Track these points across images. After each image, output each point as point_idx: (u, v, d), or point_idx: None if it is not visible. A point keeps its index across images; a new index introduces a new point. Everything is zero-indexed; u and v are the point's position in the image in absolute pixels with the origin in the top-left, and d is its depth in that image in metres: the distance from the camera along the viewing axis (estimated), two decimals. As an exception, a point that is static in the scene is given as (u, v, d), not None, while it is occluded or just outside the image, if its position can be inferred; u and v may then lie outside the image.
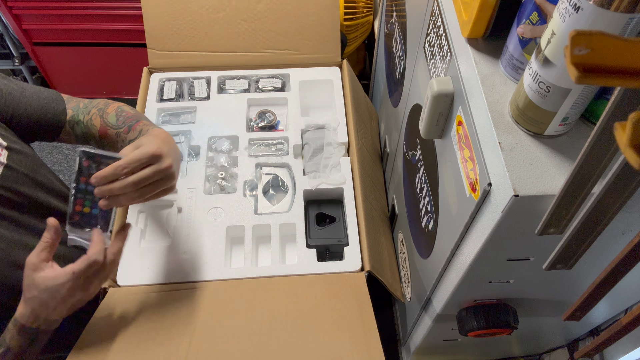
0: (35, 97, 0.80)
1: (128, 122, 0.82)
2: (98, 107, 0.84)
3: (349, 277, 0.88)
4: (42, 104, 0.81)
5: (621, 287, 0.50)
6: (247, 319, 0.80)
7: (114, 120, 0.82)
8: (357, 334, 0.77)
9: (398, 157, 1.12)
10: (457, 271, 0.73)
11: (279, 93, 1.14)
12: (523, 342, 1.16)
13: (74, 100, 0.86)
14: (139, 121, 0.82)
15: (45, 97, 0.82)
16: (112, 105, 0.85)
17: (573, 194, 0.47)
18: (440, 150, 0.77)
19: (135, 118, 0.82)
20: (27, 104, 0.79)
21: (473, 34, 0.66)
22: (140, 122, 0.82)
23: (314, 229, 0.96)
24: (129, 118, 0.82)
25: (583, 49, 0.31)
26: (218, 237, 0.92)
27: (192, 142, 1.05)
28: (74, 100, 0.86)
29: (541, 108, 0.55)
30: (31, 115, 0.79)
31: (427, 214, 0.87)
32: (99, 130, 0.83)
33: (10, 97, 0.77)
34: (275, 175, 1.03)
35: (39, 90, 0.82)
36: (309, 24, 1.15)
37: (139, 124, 0.81)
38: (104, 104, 0.85)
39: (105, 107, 0.84)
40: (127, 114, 0.83)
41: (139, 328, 0.79)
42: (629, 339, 0.86)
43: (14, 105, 0.77)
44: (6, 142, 0.74)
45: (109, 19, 1.77)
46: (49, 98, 0.82)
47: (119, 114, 0.83)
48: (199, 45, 1.14)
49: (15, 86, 0.79)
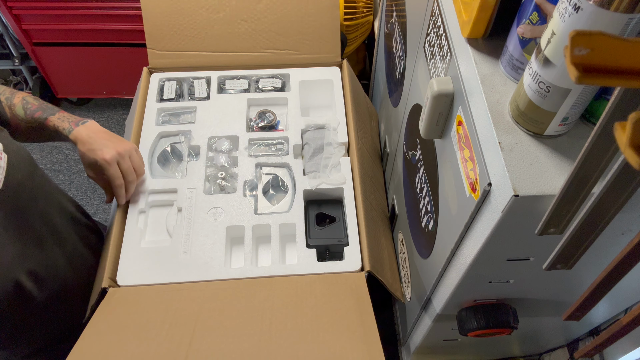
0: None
1: (36, 116, 0.86)
2: (4, 95, 0.86)
3: (349, 277, 0.88)
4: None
5: (621, 287, 0.50)
6: (247, 319, 0.80)
7: (23, 114, 0.86)
8: (357, 333, 0.77)
9: (398, 157, 1.12)
10: (457, 271, 0.73)
11: (279, 93, 1.14)
12: (523, 342, 1.16)
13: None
14: (47, 118, 0.86)
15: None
16: (17, 96, 0.87)
17: (573, 194, 0.47)
18: (440, 150, 0.77)
19: (42, 112, 0.86)
20: None
21: (473, 34, 0.66)
22: (49, 119, 0.86)
23: (314, 229, 0.96)
24: (35, 112, 0.86)
25: (583, 49, 0.31)
26: (218, 237, 0.92)
27: (192, 142, 1.05)
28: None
29: (541, 108, 0.55)
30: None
31: (427, 214, 0.87)
32: (10, 120, 0.85)
33: None
34: (275, 175, 1.03)
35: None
36: (309, 24, 1.15)
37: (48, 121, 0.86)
38: (10, 93, 0.87)
39: (11, 96, 0.86)
40: (32, 106, 0.87)
41: (138, 328, 0.79)
42: (629, 339, 0.87)
43: None
44: (2, 145, 0.73)
45: (109, 19, 1.77)
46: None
47: (25, 107, 0.86)
48: (199, 45, 1.14)
49: None
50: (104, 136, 0.86)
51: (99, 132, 0.86)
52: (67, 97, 2.17)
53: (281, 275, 0.89)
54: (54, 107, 0.88)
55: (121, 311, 0.82)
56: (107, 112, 2.23)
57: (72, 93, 2.15)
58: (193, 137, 1.06)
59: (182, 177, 1.01)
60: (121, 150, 0.86)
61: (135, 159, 0.90)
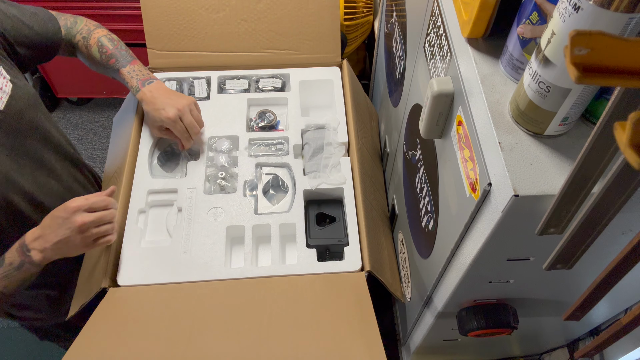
0: (34, 16, 0.87)
1: (110, 63, 0.95)
2: (82, 34, 0.94)
3: (349, 277, 0.88)
4: (42, 23, 0.88)
5: (621, 287, 0.50)
6: (247, 316, 0.80)
7: (98, 56, 0.95)
8: (357, 328, 0.77)
9: (398, 157, 1.12)
10: (457, 271, 0.73)
11: (279, 93, 1.14)
12: (523, 342, 1.16)
13: (61, 18, 0.93)
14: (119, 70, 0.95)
15: (42, 17, 0.89)
16: (93, 36, 0.95)
17: (573, 194, 0.47)
18: (440, 150, 0.77)
19: (116, 61, 0.95)
20: (31, 25, 0.85)
21: (473, 34, 0.66)
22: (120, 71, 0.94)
23: (314, 229, 0.96)
24: (110, 58, 0.95)
25: (583, 49, 0.31)
26: (218, 237, 0.92)
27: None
28: (61, 18, 0.94)
29: (541, 108, 0.55)
30: (35, 36, 0.86)
31: (427, 214, 0.87)
32: (86, 56, 0.96)
33: (15, 19, 0.83)
34: (275, 175, 1.03)
35: (34, 11, 0.88)
36: (309, 24, 1.15)
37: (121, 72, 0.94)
38: (87, 32, 0.95)
39: (88, 36, 0.95)
40: (106, 49, 0.94)
41: (138, 328, 0.79)
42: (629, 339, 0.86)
43: (22, 27, 0.83)
44: (10, 76, 0.79)
45: (109, 19, 1.77)
46: (45, 17, 0.89)
47: (100, 49, 0.96)
48: (199, 45, 1.14)
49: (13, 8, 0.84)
50: (165, 95, 0.95)
51: (162, 92, 0.96)
52: (67, 97, 2.17)
53: (281, 275, 0.89)
54: (127, 55, 0.97)
55: (121, 311, 0.82)
56: (107, 112, 2.23)
57: (72, 93, 2.15)
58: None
59: (182, 177, 1.01)
60: (181, 107, 0.94)
61: (195, 112, 0.98)
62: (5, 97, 0.77)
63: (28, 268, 0.74)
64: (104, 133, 2.17)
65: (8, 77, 0.78)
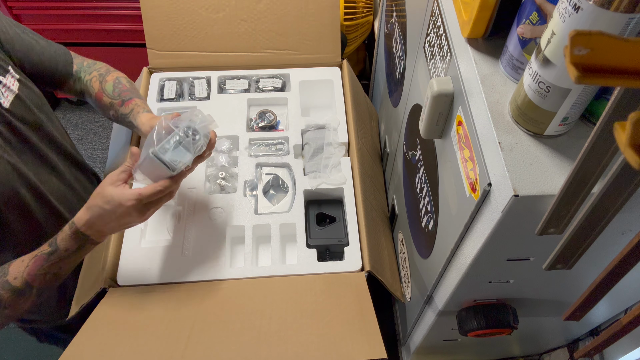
0: (48, 46, 0.88)
1: (123, 95, 0.90)
2: (100, 71, 0.92)
3: (349, 277, 0.88)
4: (54, 55, 0.88)
5: (621, 287, 0.50)
6: (247, 315, 0.80)
7: (111, 90, 0.91)
8: (357, 329, 0.78)
9: (398, 157, 1.12)
10: (457, 271, 0.73)
11: (279, 93, 1.14)
12: (523, 342, 1.16)
13: (79, 58, 0.94)
14: (132, 99, 0.89)
15: (57, 49, 0.90)
16: (111, 74, 0.92)
17: (573, 194, 0.47)
18: (440, 150, 0.77)
19: (130, 94, 0.90)
20: (41, 52, 0.86)
21: (473, 34, 0.66)
22: (133, 100, 0.90)
23: (314, 229, 0.96)
24: (124, 92, 0.90)
25: (583, 49, 0.31)
26: (218, 237, 0.92)
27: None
28: (80, 58, 0.94)
29: (541, 108, 0.55)
30: (44, 62, 0.87)
31: (427, 214, 0.87)
32: (96, 93, 0.91)
33: (27, 42, 0.84)
34: (275, 175, 1.03)
35: (51, 42, 0.89)
36: (309, 24, 1.15)
37: (132, 102, 0.89)
38: (105, 71, 0.93)
39: (105, 74, 0.92)
40: (123, 86, 0.91)
41: (138, 327, 0.79)
42: (629, 339, 0.87)
43: (30, 51, 0.84)
44: (18, 75, 0.80)
45: (109, 19, 1.77)
46: (59, 50, 0.91)
47: (116, 85, 0.91)
48: (199, 45, 1.14)
49: (30, 34, 0.86)
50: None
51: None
52: (67, 97, 2.17)
53: (281, 275, 0.89)
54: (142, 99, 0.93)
55: (120, 310, 0.82)
56: (107, 112, 2.23)
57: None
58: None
59: (182, 177, 1.01)
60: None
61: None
62: (12, 96, 0.78)
63: (89, 247, 0.76)
64: (104, 133, 2.18)
65: (17, 77, 0.80)
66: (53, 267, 0.73)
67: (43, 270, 0.73)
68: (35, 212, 0.84)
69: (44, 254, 0.73)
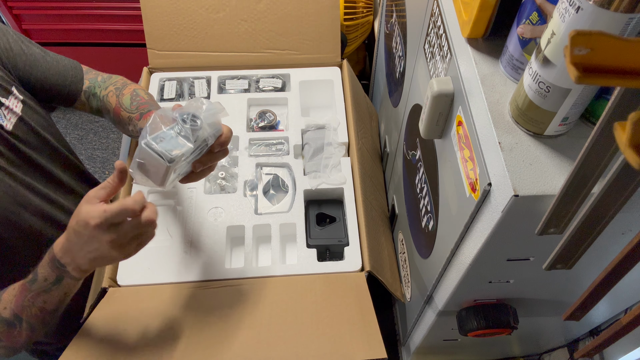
0: (56, 62, 0.84)
1: (141, 108, 0.84)
2: (116, 85, 0.88)
3: (349, 277, 0.88)
4: (61, 70, 0.85)
5: (621, 287, 0.50)
6: (247, 314, 0.81)
7: (128, 104, 0.85)
8: (357, 329, 0.78)
9: (398, 157, 1.12)
10: (457, 271, 0.73)
11: (279, 93, 1.14)
12: (523, 342, 1.16)
13: (92, 73, 0.90)
14: (151, 112, 0.83)
15: (65, 65, 0.86)
16: (128, 87, 0.87)
17: (573, 194, 0.47)
18: (440, 150, 0.77)
19: (149, 106, 0.84)
20: (47, 68, 0.83)
21: (473, 34, 0.66)
22: (152, 112, 0.82)
23: (314, 229, 0.96)
24: (142, 104, 0.85)
25: (583, 49, 0.31)
26: (218, 237, 0.92)
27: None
28: (93, 73, 0.90)
29: (541, 108, 0.55)
30: (49, 78, 0.83)
31: (427, 214, 0.87)
32: (114, 108, 0.86)
33: (32, 58, 0.81)
34: (275, 175, 1.03)
35: (60, 58, 0.86)
36: (309, 24, 1.15)
37: (150, 114, 0.81)
38: (122, 84, 0.88)
39: (122, 87, 0.87)
40: (141, 99, 0.85)
41: (137, 327, 0.79)
42: (629, 339, 0.86)
43: (34, 67, 0.81)
44: (22, 97, 0.78)
45: (109, 19, 1.77)
46: (68, 66, 0.86)
47: (133, 98, 0.85)
48: (199, 45, 1.14)
49: (37, 49, 0.83)
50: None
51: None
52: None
53: (281, 275, 0.89)
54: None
55: (120, 310, 0.82)
56: (107, 112, 2.23)
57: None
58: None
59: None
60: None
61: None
62: (14, 119, 0.76)
63: (68, 282, 0.67)
64: (104, 133, 2.17)
65: (20, 98, 0.78)
66: (37, 299, 0.67)
67: (28, 302, 0.66)
68: (44, 234, 0.82)
69: (26, 282, 0.67)
